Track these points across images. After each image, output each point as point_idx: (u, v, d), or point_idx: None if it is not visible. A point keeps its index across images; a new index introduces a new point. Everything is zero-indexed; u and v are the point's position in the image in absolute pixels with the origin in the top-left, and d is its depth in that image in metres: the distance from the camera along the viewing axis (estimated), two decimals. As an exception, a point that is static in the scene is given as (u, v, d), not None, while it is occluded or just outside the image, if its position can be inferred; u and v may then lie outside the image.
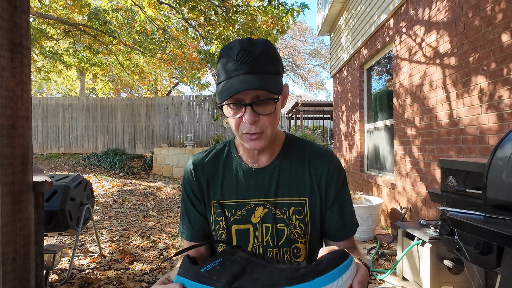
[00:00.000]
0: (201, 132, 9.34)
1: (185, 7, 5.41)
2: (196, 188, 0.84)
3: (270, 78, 0.67)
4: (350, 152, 5.23)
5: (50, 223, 2.19)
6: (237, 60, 0.66)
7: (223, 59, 0.70)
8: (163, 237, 3.35)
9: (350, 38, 5.11)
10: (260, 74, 0.66)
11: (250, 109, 0.67)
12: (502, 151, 1.12)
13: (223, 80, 0.69)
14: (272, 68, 0.69)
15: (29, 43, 1.06)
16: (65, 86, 15.20)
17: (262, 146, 0.73)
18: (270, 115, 0.70)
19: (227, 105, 0.71)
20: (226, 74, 0.68)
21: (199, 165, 0.85)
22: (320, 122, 13.81)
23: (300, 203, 0.79)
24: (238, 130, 0.72)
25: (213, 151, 0.87)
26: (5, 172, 0.98)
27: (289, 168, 0.81)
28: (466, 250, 1.25)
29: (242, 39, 0.70)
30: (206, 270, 0.42)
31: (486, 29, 2.07)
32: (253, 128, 0.70)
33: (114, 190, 6.08)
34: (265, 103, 0.69)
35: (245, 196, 0.80)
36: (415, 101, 3.01)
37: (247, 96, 0.67)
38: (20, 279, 1.04)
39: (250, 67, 0.66)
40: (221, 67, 0.71)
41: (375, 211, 3.31)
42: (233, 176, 0.82)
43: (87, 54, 7.71)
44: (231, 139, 0.88)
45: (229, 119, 0.73)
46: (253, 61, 0.66)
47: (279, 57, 0.73)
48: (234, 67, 0.67)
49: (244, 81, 0.64)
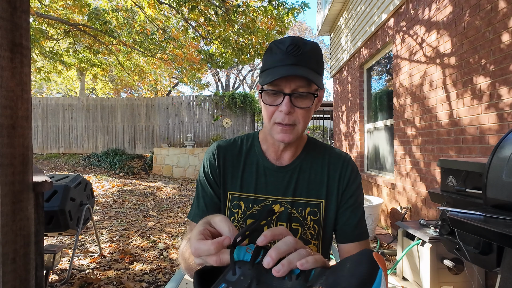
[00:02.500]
0: (201, 132, 9.34)
1: (185, 7, 5.41)
2: (216, 173, 0.83)
3: (313, 74, 0.70)
4: (350, 152, 5.23)
5: (50, 223, 2.19)
6: (287, 52, 0.70)
7: (272, 51, 0.73)
8: (163, 237, 3.35)
9: (350, 38, 5.11)
10: (305, 68, 0.69)
11: (288, 99, 0.70)
12: (502, 151, 1.12)
13: (269, 68, 0.72)
14: (316, 67, 0.72)
15: (29, 43, 1.06)
16: (65, 86, 15.20)
17: (291, 140, 0.74)
18: (305, 109, 0.72)
19: (266, 92, 0.72)
20: (273, 63, 0.71)
21: (223, 151, 0.85)
22: (320, 122, 13.81)
23: (316, 205, 0.80)
24: (270, 119, 0.74)
25: (238, 141, 0.88)
26: (5, 172, 0.98)
27: (309, 169, 0.82)
28: (466, 250, 1.25)
29: (295, 36, 0.74)
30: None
31: (486, 29, 2.07)
32: (287, 118, 0.71)
33: (114, 190, 6.08)
34: (303, 97, 0.71)
35: (263, 192, 0.81)
36: (415, 101, 3.01)
37: (288, 87, 0.70)
38: (20, 279, 1.04)
39: (297, 60, 0.69)
40: (269, 57, 0.74)
41: (375, 211, 3.31)
42: (253, 170, 0.83)
43: (87, 54, 7.71)
44: (256, 133, 0.89)
45: (264, 106, 0.74)
46: (301, 55, 0.70)
47: (323, 61, 0.76)
48: (282, 58, 0.70)
49: (290, 69, 0.68)
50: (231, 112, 9.32)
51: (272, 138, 0.80)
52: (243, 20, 5.67)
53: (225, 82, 19.89)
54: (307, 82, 0.70)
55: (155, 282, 2.29)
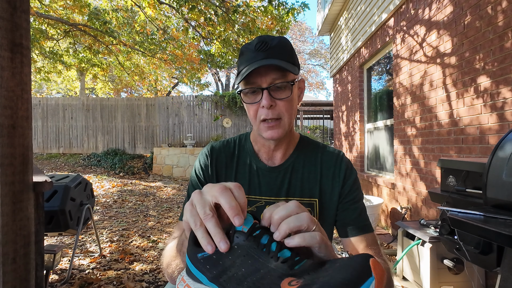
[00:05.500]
0: (201, 132, 9.34)
1: (185, 7, 5.41)
2: (209, 174, 0.83)
3: (285, 63, 0.71)
4: (350, 152, 5.23)
5: (50, 223, 2.19)
6: (256, 49, 0.71)
7: (243, 53, 0.74)
8: (163, 237, 3.35)
9: (350, 38, 5.11)
10: (275, 59, 0.70)
11: (267, 93, 0.71)
12: (502, 151, 1.12)
13: (242, 68, 0.72)
14: (287, 56, 0.72)
15: (29, 43, 1.06)
16: (65, 86, 15.20)
17: (280, 135, 0.74)
18: (286, 100, 0.73)
19: (245, 92, 0.73)
20: (245, 62, 0.72)
21: (217, 153, 0.85)
22: (320, 122, 13.80)
23: (310, 204, 0.80)
24: (256, 118, 0.75)
25: (231, 143, 0.88)
26: (5, 172, 0.98)
27: (301, 168, 0.82)
28: (466, 250, 1.25)
29: (262, 35, 0.75)
30: (202, 257, 0.41)
31: (486, 29, 2.07)
32: (270, 113, 0.72)
33: (114, 190, 6.08)
34: (281, 88, 0.72)
35: (257, 193, 0.81)
36: (415, 101, 3.01)
37: (264, 81, 0.71)
38: (20, 279, 1.04)
39: (267, 54, 0.70)
40: (241, 59, 0.75)
41: (375, 211, 3.31)
42: (246, 171, 0.83)
43: (87, 54, 7.71)
44: (248, 134, 0.89)
45: (247, 107, 0.75)
46: (270, 49, 0.71)
47: (295, 52, 0.77)
48: (253, 55, 0.71)
49: (261, 62, 0.69)
50: (231, 112, 9.31)
51: (262, 138, 0.80)
52: (243, 20, 5.68)
53: (225, 82, 19.88)
54: (282, 73, 0.71)
55: (155, 282, 2.29)
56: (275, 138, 0.74)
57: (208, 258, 0.40)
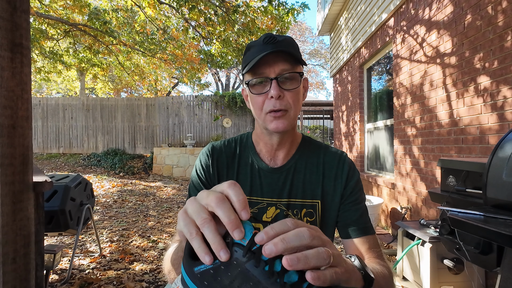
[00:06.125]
0: (201, 132, 9.34)
1: (185, 7, 5.41)
2: (211, 174, 0.82)
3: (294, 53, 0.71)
4: (350, 152, 5.23)
5: (50, 223, 2.19)
6: (264, 43, 0.72)
7: (250, 48, 0.75)
8: (163, 237, 3.35)
9: (350, 38, 5.11)
10: (283, 52, 0.71)
11: (275, 83, 0.70)
12: (502, 151, 1.12)
13: (250, 61, 0.72)
14: (294, 52, 0.72)
15: (29, 43, 1.06)
16: (65, 86, 15.20)
17: (285, 127, 0.73)
18: (294, 91, 0.72)
19: (253, 83, 0.73)
20: (253, 55, 0.72)
21: (218, 153, 0.84)
22: (320, 122, 13.81)
23: (312, 205, 0.79)
24: (262, 110, 0.74)
25: (232, 143, 0.86)
26: (5, 172, 0.98)
27: (303, 169, 0.81)
28: (466, 250, 1.25)
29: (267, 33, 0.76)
30: (199, 271, 0.38)
31: (486, 29, 2.07)
32: (278, 103, 0.71)
33: (114, 190, 6.08)
34: (290, 79, 0.72)
35: (258, 194, 0.80)
36: (415, 101, 3.01)
37: (273, 71, 0.71)
38: (20, 279, 1.04)
39: (275, 46, 0.70)
40: (248, 54, 0.75)
41: (375, 211, 3.31)
42: (248, 171, 0.82)
43: (87, 54, 7.71)
44: (249, 133, 0.88)
45: (253, 99, 0.75)
46: (278, 42, 0.71)
47: (299, 50, 0.78)
48: (261, 48, 0.71)
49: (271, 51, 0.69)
50: (231, 112, 9.31)
51: (265, 136, 0.79)
52: (243, 20, 5.68)
53: (225, 82, 19.88)
54: (291, 65, 0.71)
55: (155, 282, 2.29)
56: (280, 129, 0.73)
57: (205, 273, 0.37)
